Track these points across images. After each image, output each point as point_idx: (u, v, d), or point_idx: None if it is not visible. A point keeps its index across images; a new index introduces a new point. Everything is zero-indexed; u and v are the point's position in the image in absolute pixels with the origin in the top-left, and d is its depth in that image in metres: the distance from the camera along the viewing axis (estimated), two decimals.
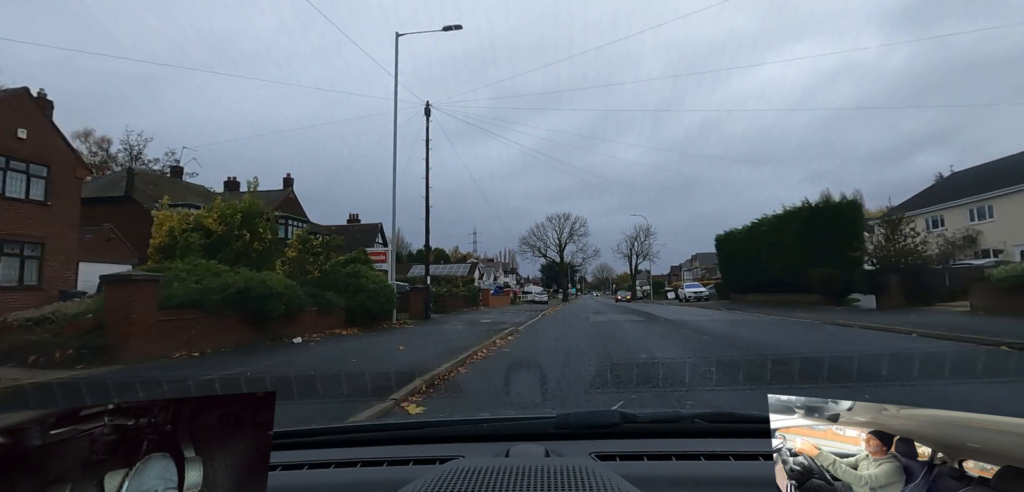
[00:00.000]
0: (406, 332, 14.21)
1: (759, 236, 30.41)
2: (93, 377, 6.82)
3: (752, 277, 31.36)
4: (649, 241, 75.81)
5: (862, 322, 12.93)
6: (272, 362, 8.04)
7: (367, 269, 17.75)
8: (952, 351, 7.74)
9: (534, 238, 77.46)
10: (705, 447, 1.26)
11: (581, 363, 7.52)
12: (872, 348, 8.30)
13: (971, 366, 6.31)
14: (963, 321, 11.85)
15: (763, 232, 30.07)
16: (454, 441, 1.37)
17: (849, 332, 11.39)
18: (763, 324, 14.32)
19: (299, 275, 14.96)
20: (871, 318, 14.07)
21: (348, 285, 15.56)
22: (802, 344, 9.25)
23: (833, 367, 6.31)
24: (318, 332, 13.16)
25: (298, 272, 15.20)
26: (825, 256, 23.40)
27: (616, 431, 1.38)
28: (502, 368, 7.53)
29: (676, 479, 1.09)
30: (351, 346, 10.47)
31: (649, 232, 76.10)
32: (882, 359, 6.74)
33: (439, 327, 15.86)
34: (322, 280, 15.19)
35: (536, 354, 9.04)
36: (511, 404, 5.24)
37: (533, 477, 0.95)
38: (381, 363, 7.94)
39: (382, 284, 16.97)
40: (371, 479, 1.15)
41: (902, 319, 12.84)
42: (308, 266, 15.76)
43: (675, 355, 8.13)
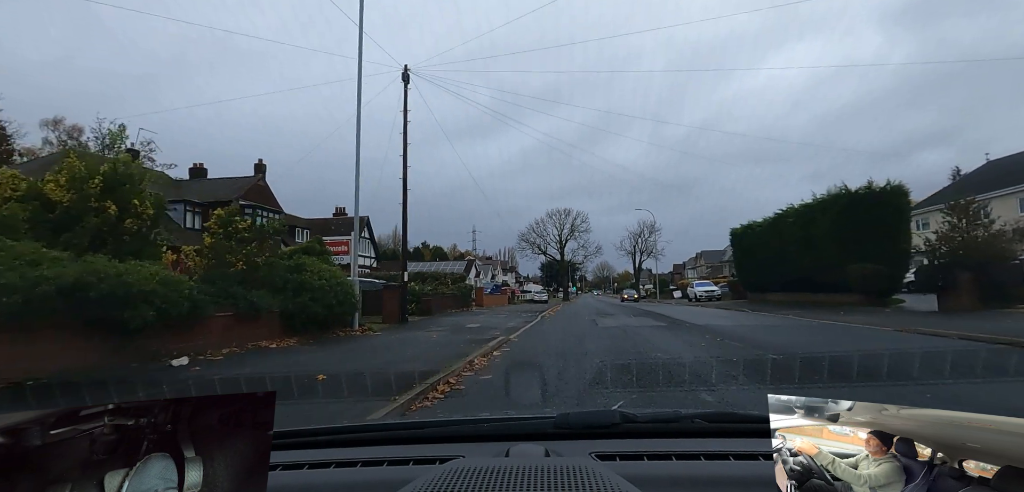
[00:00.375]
0: (359, 344, 11.18)
1: (784, 228, 26.89)
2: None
3: (774, 274, 27.84)
4: (654, 237, 72.70)
5: (966, 331, 9.72)
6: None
7: (320, 262, 14.38)
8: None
9: (533, 235, 73.53)
10: (705, 447, 1.25)
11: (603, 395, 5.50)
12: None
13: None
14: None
15: (789, 224, 26.57)
16: (454, 441, 1.37)
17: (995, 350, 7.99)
18: (833, 331, 11.51)
19: (219, 268, 11.53)
20: (969, 324, 10.80)
21: (286, 282, 12.17)
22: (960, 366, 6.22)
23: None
24: (233, 345, 9.82)
25: (217, 264, 11.58)
26: (866, 250, 20.06)
27: (616, 431, 1.38)
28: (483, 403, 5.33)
29: (676, 479, 1.09)
30: (244, 371, 7.49)
31: (654, 228, 72.90)
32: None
33: (411, 335, 13.14)
34: (248, 275, 11.76)
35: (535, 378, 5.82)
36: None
37: (533, 477, 0.95)
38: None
39: (336, 281, 13.68)
40: (371, 479, 1.15)
41: (1014, 325, 10.19)
42: (229, 256, 11.68)
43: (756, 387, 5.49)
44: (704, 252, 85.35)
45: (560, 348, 9.53)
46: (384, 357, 8.85)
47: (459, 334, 12.82)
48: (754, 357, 7.39)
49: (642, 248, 75.28)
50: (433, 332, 13.56)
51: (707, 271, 76.26)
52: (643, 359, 7.64)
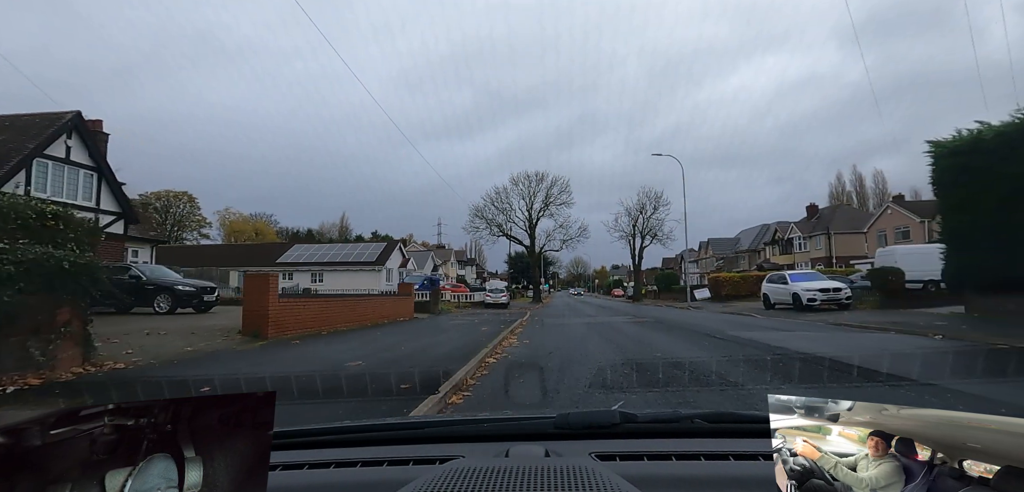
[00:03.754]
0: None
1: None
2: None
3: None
4: (660, 214, 51.80)
5: None
6: None
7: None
8: None
9: (493, 209, 50.39)
10: (705, 447, 1.25)
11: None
12: None
13: None
14: None
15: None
16: (454, 441, 1.37)
17: None
18: None
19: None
20: None
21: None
22: None
23: None
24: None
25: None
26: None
27: (616, 431, 1.38)
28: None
29: (676, 479, 1.09)
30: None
31: (660, 202, 51.50)
32: None
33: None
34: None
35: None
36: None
37: (533, 477, 0.95)
38: None
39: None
40: (371, 479, 1.15)
41: None
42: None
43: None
44: (713, 240, 71.50)
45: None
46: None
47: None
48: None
49: (643, 228, 52.61)
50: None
51: (720, 264, 64.33)
52: None
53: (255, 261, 39.51)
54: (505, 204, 50.40)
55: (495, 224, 50.34)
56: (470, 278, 70.67)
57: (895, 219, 41.90)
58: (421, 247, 74.69)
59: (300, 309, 13.24)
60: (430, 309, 25.66)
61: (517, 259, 64.40)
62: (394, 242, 47.25)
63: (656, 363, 7.38)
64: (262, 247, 49.16)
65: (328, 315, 14.36)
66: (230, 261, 39.86)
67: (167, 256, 38.41)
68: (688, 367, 6.94)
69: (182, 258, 38.42)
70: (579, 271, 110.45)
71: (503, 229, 50.67)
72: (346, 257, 41.99)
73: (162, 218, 60.07)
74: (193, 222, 65.53)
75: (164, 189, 62.90)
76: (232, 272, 35.10)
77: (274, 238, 69.14)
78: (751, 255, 62.46)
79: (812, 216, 54.13)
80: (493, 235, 51.18)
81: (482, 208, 50.51)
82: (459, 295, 39.47)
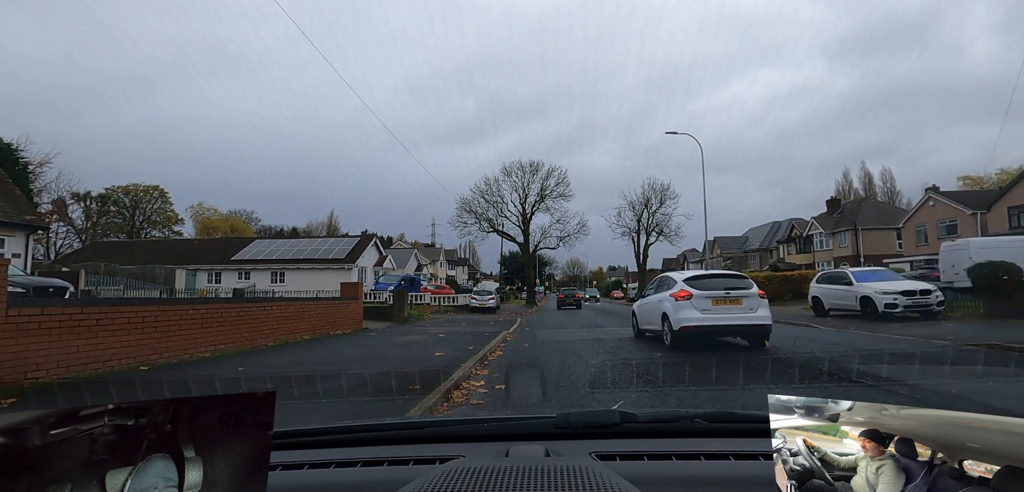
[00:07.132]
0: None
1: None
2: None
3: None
4: (667, 208, 47.64)
5: None
6: None
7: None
8: None
9: (483, 203, 44.09)
10: (705, 447, 1.25)
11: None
12: None
13: None
14: None
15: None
16: (454, 441, 1.37)
17: None
18: None
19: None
20: None
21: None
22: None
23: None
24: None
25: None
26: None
27: (616, 431, 1.38)
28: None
29: (676, 479, 1.08)
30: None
31: (668, 194, 47.44)
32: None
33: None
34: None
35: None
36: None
37: (533, 477, 0.95)
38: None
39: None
40: (371, 479, 1.15)
41: None
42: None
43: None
44: (719, 237, 65.29)
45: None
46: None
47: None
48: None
49: (648, 224, 48.15)
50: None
51: (728, 263, 60.16)
52: None
53: (211, 259, 36.12)
54: (496, 197, 44.26)
55: (485, 218, 44.05)
56: (461, 279, 66.81)
57: (937, 212, 35.51)
58: (407, 245, 69.29)
59: (69, 330, 6.51)
60: (393, 317, 19.44)
61: (511, 259, 60.19)
62: (369, 237, 40.57)
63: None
64: (218, 243, 43.03)
65: (146, 340, 7.62)
66: (182, 259, 36.05)
67: (105, 251, 36.47)
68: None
69: (125, 255, 35.70)
70: (575, 272, 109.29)
71: (493, 224, 44.31)
72: (312, 254, 36.02)
73: (130, 213, 57.04)
74: (163, 218, 61.36)
75: (132, 184, 58.41)
76: (178, 271, 31.92)
77: (252, 236, 67.24)
78: (762, 254, 59.15)
79: (833, 211, 48.59)
80: (483, 231, 44.76)
81: (470, 201, 44.29)
82: (443, 297, 33.98)
